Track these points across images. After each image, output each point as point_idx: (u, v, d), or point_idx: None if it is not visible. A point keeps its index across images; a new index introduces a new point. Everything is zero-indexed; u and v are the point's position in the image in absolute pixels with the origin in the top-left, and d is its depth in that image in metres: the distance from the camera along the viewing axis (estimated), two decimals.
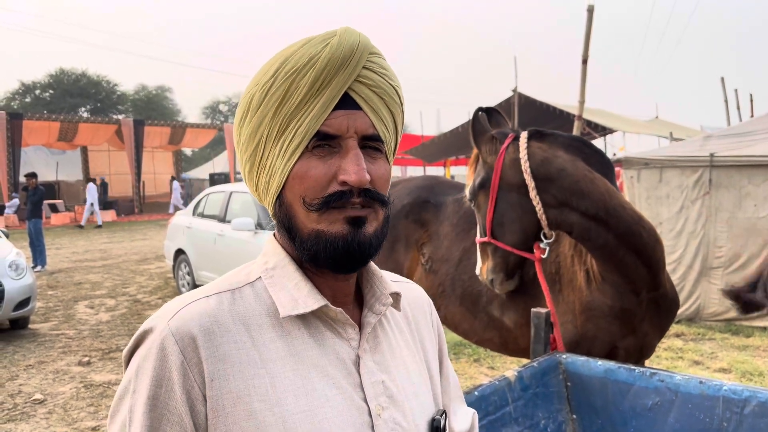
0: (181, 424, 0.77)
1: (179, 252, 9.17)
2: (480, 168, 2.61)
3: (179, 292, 9.23)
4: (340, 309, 0.85)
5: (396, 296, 0.93)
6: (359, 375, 0.86)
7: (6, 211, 20.93)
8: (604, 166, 2.47)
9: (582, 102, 7.45)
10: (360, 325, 0.89)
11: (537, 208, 2.37)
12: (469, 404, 1.79)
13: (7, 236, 8.12)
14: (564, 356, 2.17)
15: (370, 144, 0.84)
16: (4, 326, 7.43)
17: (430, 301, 1.09)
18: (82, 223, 21.37)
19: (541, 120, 14.44)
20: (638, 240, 2.33)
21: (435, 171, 30.65)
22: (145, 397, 0.77)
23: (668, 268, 6.90)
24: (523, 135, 2.48)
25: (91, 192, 21.49)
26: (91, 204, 21.43)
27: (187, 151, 44.88)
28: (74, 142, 26.03)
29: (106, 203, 25.47)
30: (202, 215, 9.05)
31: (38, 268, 11.81)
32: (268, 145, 0.84)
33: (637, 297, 2.47)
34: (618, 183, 8.46)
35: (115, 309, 8.48)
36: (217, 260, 8.28)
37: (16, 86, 46.34)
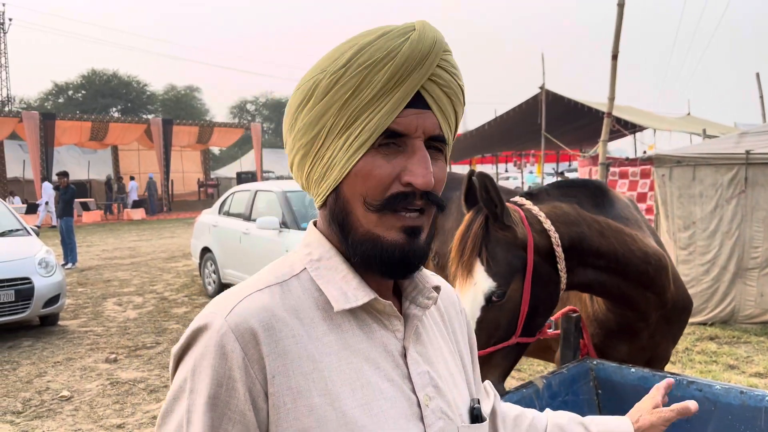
0: (243, 422, 0.75)
1: (205, 250, 9.22)
2: (497, 247, 1.99)
3: (205, 290, 9.28)
4: (389, 302, 0.85)
5: (438, 290, 0.92)
6: (407, 366, 0.86)
7: (39, 209, 21.37)
8: (595, 195, 2.30)
9: (612, 99, 7.27)
10: (403, 317, 0.89)
11: (562, 277, 2.07)
12: None
13: (37, 234, 8.24)
14: (594, 362, 2.08)
15: (434, 144, 0.82)
16: (34, 323, 7.55)
17: (458, 298, 1.08)
18: (38, 223, 18.83)
19: (569, 117, 14.22)
20: (646, 277, 2.25)
21: (461, 169, 30.48)
22: (205, 396, 0.75)
23: (701, 268, 6.79)
24: (523, 200, 2.17)
25: (46, 191, 20.54)
26: (46, 203, 20.17)
27: (215, 150, 45.37)
28: (105, 141, 26.46)
29: (135, 202, 25.84)
30: (228, 214, 9.08)
31: (69, 265, 12.00)
32: (331, 137, 0.81)
33: (647, 322, 2.40)
34: (648, 181, 8.18)
35: (143, 306, 8.56)
36: (243, 258, 8.30)
37: (49, 87, 47.40)
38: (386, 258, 0.80)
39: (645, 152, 14.17)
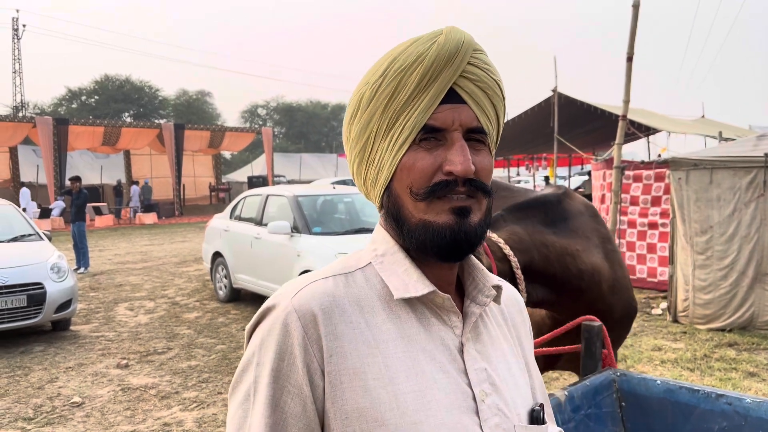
0: (300, 396, 0.81)
1: (217, 255, 9.20)
2: None
3: (216, 295, 9.26)
4: (448, 296, 0.88)
5: (498, 289, 0.94)
6: (463, 361, 0.88)
7: (52, 213, 21.52)
8: (547, 213, 2.54)
9: (627, 101, 7.17)
10: (463, 314, 0.92)
11: (523, 297, 2.32)
12: None
13: (49, 239, 8.26)
14: (618, 374, 2.01)
15: (474, 136, 0.87)
16: (46, 328, 7.55)
17: (521, 301, 1.09)
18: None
19: (582, 120, 14.11)
20: (578, 291, 2.51)
21: None
22: (269, 368, 0.82)
23: (719, 273, 6.68)
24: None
25: (24, 196, 20.61)
26: (23, 209, 19.75)
27: (227, 154, 45.49)
28: (117, 146, 26.61)
29: (147, 206, 25.95)
30: (239, 218, 9.06)
31: (81, 269, 12.03)
32: (377, 141, 0.88)
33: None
34: (663, 185, 8.05)
35: (154, 311, 8.54)
36: (254, 263, 8.27)
37: (63, 92, 47.80)
38: (438, 239, 0.84)
39: (659, 155, 14.02)
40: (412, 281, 0.87)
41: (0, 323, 6.65)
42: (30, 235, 8.08)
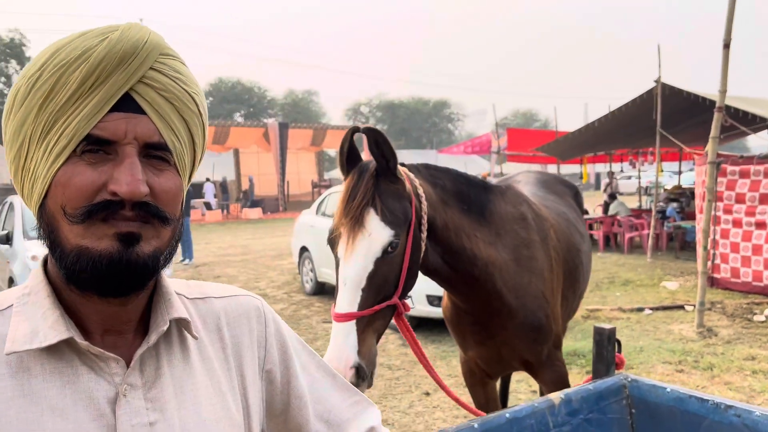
0: None
1: (303, 249, 9.54)
2: (390, 198, 1.98)
3: (303, 288, 9.60)
4: (87, 343, 0.75)
5: (184, 322, 0.82)
6: (115, 417, 0.75)
7: None
8: (457, 182, 2.35)
9: (723, 91, 6.67)
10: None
11: (423, 246, 2.09)
12: (498, 427, 1.64)
13: None
14: (629, 379, 1.93)
15: (156, 153, 0.76)
16: None
17: (261, 312, 0.97)
18: None
19: (688, 112, 13.27)
20: (471, 276, 2.30)
21: (570, 169, 29.09)
22: None
23: None
24: (401, 167, 2.13)
25: (209, 191, 21.70)
26: (207, 202, 20.82)
27: (331, 151, 46.84)
28: (226, 144, 28.15)
29: (253, 202, 27.27)
30: (324, 214, 9.34)
31: (186, 261, 12.88)
32: (32, 146, 0.74)
33: (475, 316, 2.48)
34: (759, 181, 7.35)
35: None
36: None
37: None
38: (94, 270, 0.71)
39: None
40: (45, 327, 0.74)
41: None
42: None
